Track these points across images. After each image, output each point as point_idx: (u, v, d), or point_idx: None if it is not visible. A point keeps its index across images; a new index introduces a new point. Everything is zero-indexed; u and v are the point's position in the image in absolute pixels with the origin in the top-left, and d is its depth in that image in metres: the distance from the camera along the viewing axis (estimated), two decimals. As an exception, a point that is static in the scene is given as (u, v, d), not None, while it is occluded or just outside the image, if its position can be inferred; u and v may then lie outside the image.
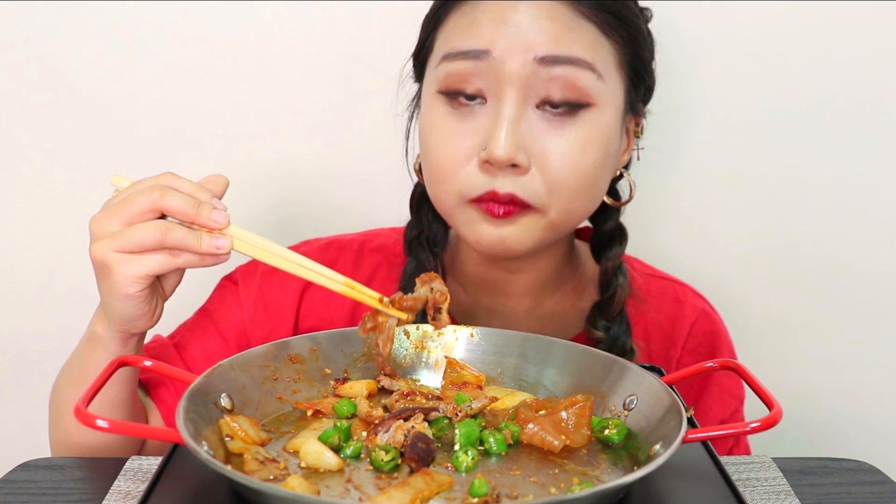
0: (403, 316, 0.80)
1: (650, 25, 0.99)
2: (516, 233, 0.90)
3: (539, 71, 0.87)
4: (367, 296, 0.80)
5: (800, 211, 1.29)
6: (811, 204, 1.28)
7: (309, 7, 1.21)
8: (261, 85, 1.24)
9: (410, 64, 1.01)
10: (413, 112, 1.03)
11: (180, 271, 0.85)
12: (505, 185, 0.88)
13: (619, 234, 1.02)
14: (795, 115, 1.25)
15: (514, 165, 0.87)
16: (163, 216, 0.79)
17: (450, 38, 0.91)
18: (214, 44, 1.22)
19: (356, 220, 1.20)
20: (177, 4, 1.20)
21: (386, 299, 0.80)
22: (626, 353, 0.99)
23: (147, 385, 0.98)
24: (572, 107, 0.89)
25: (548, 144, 0.88)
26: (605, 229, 1.02)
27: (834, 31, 1.22)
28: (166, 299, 0.87)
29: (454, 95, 0.90)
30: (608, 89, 0.90)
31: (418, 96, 1.00)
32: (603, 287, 1.02)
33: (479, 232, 0.91)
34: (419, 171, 1.00)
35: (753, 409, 1.06)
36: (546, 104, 0.89)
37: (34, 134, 1.24)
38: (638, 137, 1.00)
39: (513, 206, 0.89)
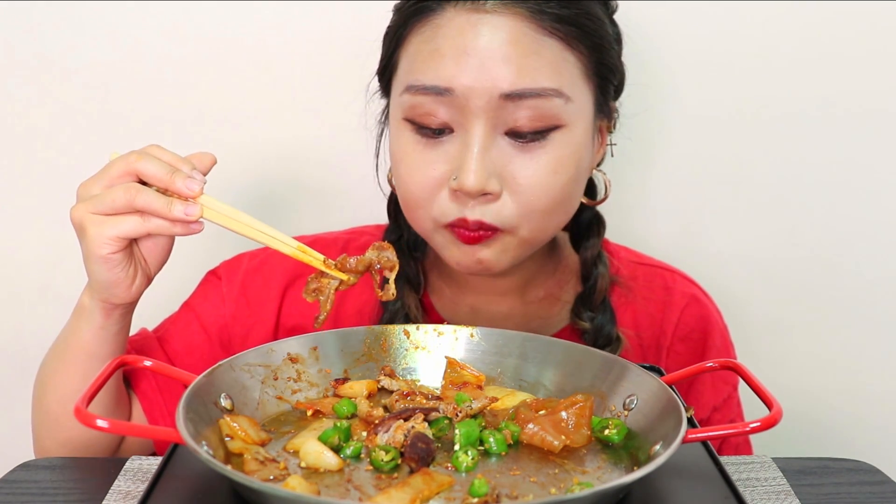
0: (345, 277, 0.82)
1: (630, 20, 0.98)
2: (492, 254, 0.91)
3: (505, 105, 0.86)
4: (314, 258, 0.82)
5: (800, 210, 1.29)
6: (812, 204, 1.28)
7: (308, 6, 1.21)
8: (261, 84, 1.24)
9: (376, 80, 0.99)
10: (383, 127, 1.02)
11: (162, 245, 0.87)
12: (474, 212, 0.88)
13: (597, 224, 1.03)
14: (793, 112, 1.25)
15: (485, 193, 0.87)
16: (143, 183, 0.81)
17: (413, 65, 0.90)
18: (212, 43, 1.22)
19: (350, 216, 1.20)
20: (174, 4, 1.20)
21: (330, 261, 0.82)
22: (613, 341, 1.00)
23: (128, 376, 0.98)
24: (541, 132, 0.88)
25: (518, 169, 0.88)
26: (582, 220, 1.02)
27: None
28: (150, 277, 0.87)
29: (421, 127, 0.90)
30: (576, 107, 0.89)
31: (387, 111, 0.99)
32: (584, 278, 1.02)
33: (455, 255, 0.92)
34: (391, 183, 1.00)
35: (753, 409, 1.06)
36: (514, 133, 0.88)
37: (34, 134, 1.24)
38: (611, 132, 1.00)
39: (483, 232, 0.89)
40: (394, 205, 1.05)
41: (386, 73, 0.96)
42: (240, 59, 1.23)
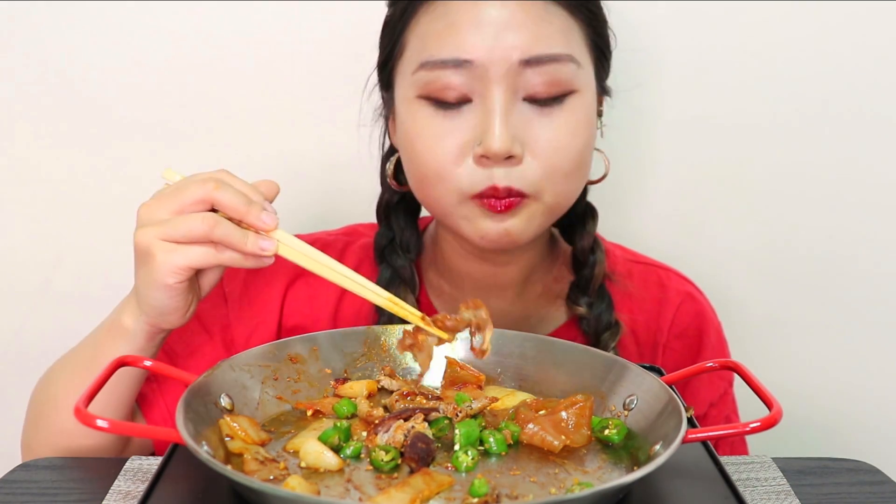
0: (445, 336, 0.79)
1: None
2: (519, 223, 0.91)
3: (524, 71, 0.88)
4: (410, 313, 0.79)
5: (800, 211, 1.29)
6: (811, 203, 1.28)
7: (307, 6, 1.21)
8: (260, 84, 1.24)
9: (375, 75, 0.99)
10: (386, 123, 1.02)
11: (220, 270, 0.85)
12: (502, 178, 0.88)
13: (590, 213, 1.04)
14: (792, 113, 1.25)
15: (509, 157, 0.88)
16: (213, 211, 0.78)
17: (426, 43, 0.90)
18: (214, 43, 1.22)
19: (346, 212, 1.20)
20: (176, 4, 1.20)
21: (428, 318, 0.79)
22: (612, 326, 1.00)
23: (138, 398, 0.97)
24: (558, 97, 0.90)
25: (539, 132, 0.89)
26: (576, 210, 1.02)
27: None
28: (201, 298, 0.86)
29: (438, 101, 0.90)
30: (585, 72, 0.92)
31: (388, 106, 0.99)
32: (578, 265, 1.03)
33: (482, 228, 0.91)
34: (394, 179, 1.00)
35: (753, 409, 1.07)
36: (532, 98, 0.89)
37: (34, 134, 1.24)
38: (600, 116, 1.00)
39: (512, 199, 0.89)
40: (384, 207, 1.05)
41: (389, 62, 0.96)
42: (236, 60, 1.23)
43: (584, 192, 1.02)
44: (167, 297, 0.80)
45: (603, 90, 0.98)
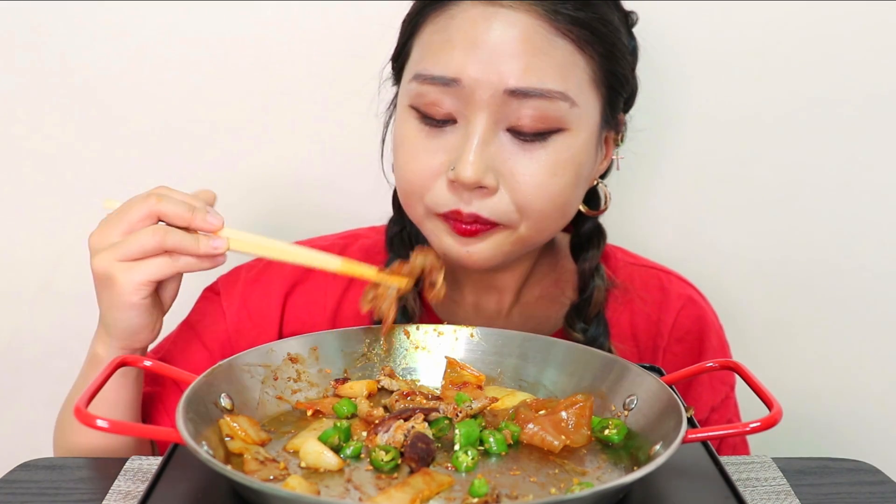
0: (402, 282, 0.83)
1: (636, 29, 0.98)
2: (485, 249, 0.90)
3: (509, 101, 0.85)
4: (366, 268, 0.83)
5: (799, 211, 1.29)
6: (811, 204, 1.28)
7: (308, 7, 1.21)
8: (261, 86, 1.24)
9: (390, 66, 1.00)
10: (391, 115, 1.02)
11: (178, 281, 0.87)
12: (470, 206, 0.88)
13: (597, 237, 1.02)
14: (792, 115, 1.25)
15: (481, 187, 0.87)
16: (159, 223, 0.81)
17: (423, 54, 0.90)
18: (215, 44, 1.22)
19: (354, 220, 1.20)
20: (176, 4, 1.20)
21: (384, 270, 0.83)
22: None
23: (145, 416, 0.98)
24: (543, 133, 0.87)
25: (517, 167, 0.87)
26: (583, 231, 1.02)
27: (827, 29, 1.22)
28: (165, 313, 0.88)
29: (425, 115, 0.89)
30: (581, 112, 0.88)
31: (395, 99, 0.99)
32: (580, 289, 1.02)
33: (445, 245, 0.91)
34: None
35: (753, 409, 1.07)
36: (516, 130, 0.87)
37: (35, 134, 1.24)
38: (618, 146, 0.99)
39: (478, 226, 0.89)
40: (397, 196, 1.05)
41: (399, 59, 0.96)
42: (237, 60, 1.23)
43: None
44: (135, 316, 0.82)
45: (613, 126, 0.96)
